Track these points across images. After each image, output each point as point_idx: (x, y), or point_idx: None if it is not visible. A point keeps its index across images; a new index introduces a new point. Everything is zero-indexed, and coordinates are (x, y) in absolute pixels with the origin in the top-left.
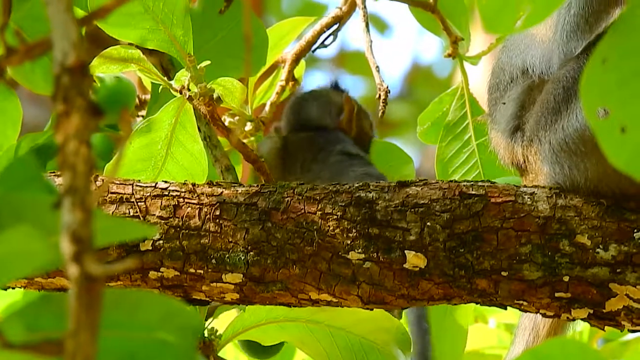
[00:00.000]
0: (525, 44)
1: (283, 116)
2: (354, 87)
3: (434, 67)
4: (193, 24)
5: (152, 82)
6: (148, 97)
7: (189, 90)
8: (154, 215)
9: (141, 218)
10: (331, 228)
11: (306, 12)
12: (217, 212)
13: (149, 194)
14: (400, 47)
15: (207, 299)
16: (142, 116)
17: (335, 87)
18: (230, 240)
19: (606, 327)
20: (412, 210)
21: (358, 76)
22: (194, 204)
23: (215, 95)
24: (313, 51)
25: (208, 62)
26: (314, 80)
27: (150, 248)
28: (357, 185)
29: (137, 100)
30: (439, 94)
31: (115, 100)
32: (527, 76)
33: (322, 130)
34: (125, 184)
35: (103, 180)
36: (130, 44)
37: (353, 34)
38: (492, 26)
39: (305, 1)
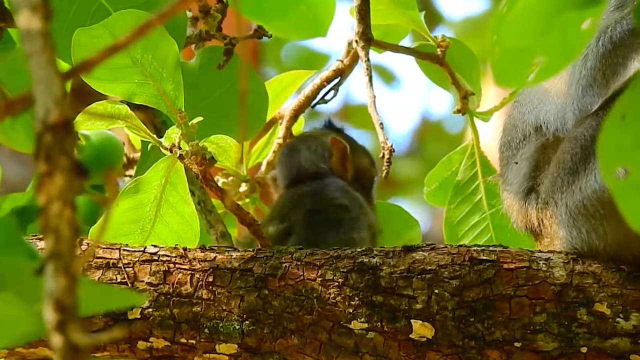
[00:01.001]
0: (539, 99)
1: (276, 166)
2: (360, 142)
3: (444, 121)
4: (188, 80)
5: (142, 140)
6: (137, 155)
7: (179, 148)
8: (143, 281)
9: (129, 285)
10: (332, 295)
11: (307, 62)
12: (210, 279)
13: (137, 259)
14: (409, 100)
15: None
16: (130, 176)
17: (329, 126)
18: (224, 308)
19: None
20: (419, 276)
21: (364, 130)
22: (185, 269)
23: (207, 154)
24: (313, 107)
25: (200, 118)
26: None
27: (139, 317)
28: (359, 250)
29: (125, 159)
30: (449, 151)
31: (101, 160)
32: (541, 133)
33: (318, 179)
34: (112, 249)
35: (88, 244)
36: (119, 100)
37: (357, 87)
38: (504, 79)
39: (307, 51)
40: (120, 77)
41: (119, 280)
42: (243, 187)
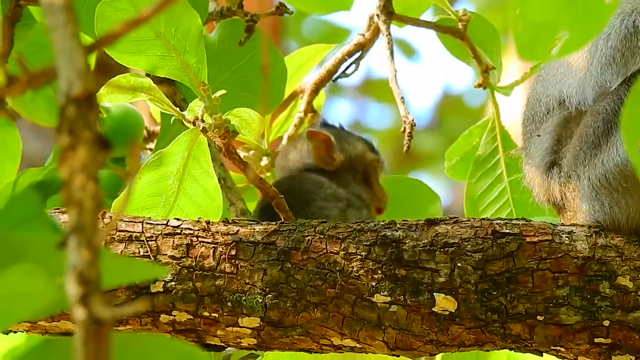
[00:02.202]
0: (562, 73)
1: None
2: (381, 116)
3: (465, 96)
4: (208, 54)
5: (162, 113)
6: (157, 128)
7: (202, 121)
8: (166, 254)
9: (152, 258)
10: (355, 269)
11: (328, 37)
12: (233, 252)
13: (159, 232)
14: (430, 74)
15: (223, 344)
16: (150, 149)
17: (323, 124)
18: (247, 281)
19: None
20: (442, 250)
21: (386, 104)
22: (208, 243)
23: (231, 127)
24: (334, 80)
25: (223, 91)
26: (336, 110)
27: (162, 290)
28: (382, 223)
29: (145, 132)
30: (470, 125)
31: (123, 132)
32: (564, 107)
33: (303, 176)
34: (134, 222)
35: (111, 217)
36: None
37: (378, 61)
38: (528, 53)
39: (328, 25)
40: (143, 50)
41: (141, 253)
42: (264, 161)
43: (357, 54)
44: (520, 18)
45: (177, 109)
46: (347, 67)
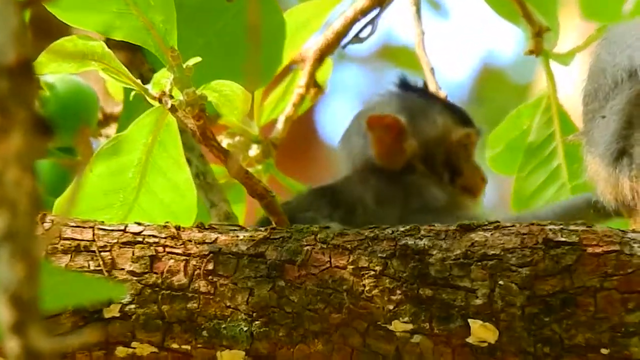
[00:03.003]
0: (634, 37)
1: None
2: None
3: (512, 67)
4: (184, 10)
5: (125, 89)
6: (116, 110)
7: (171, 97)
8: (123, 269)
9: (105, 273)
10: (367, 288)
11: None
12: (210, 266)
13: (116, 241)
14: (467, 38)
15: None
16: (107, 136)
17: (400, 85)
18: (228, 304)
19: None
20: (479, 263)
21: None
22: (178, 254)
23: (209, 106)
24: (344, 47)
25: (198, 58)
26: (345, 83)
27: (118, 315)
28: (402, 229)
29: (100, 114)
30: (518, 103)
31: (70, 114)
32: (637, 80)
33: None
34: (83, 227)
35: (53, 221)
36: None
37: (401, 21)
38: (593, 12)
39: None
40: (94, 6)
41: (92, 267)
42: (254, 150)
43: (374, 12)
44: None
45: (139, 81)
46: (361, 29)
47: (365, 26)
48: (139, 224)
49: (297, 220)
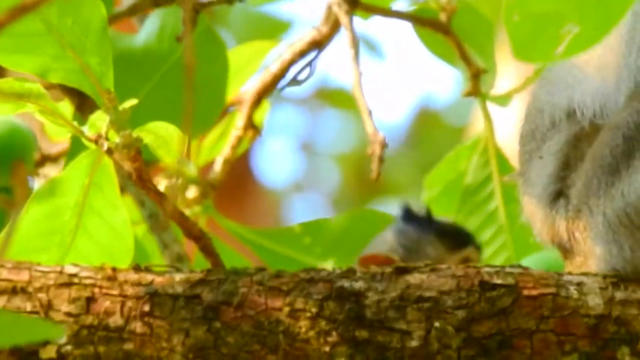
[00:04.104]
0: (574, 77)
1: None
2: (342, 134)
3: (449, 109)
4: (132, 57)
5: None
6: (54, 150)
7: (107, 139)
8: (60, 310)
9: (42, 315)
10: (303, 330)
11: (262, 33)
12: (147, 308)
13: (52, 282)
14: (405, 80)
15: None
16: (45, 175)
17: (405, 217)
18: (164, 345)
19: None
20: (415, 306)
21: (348, 119)
22: (114, 295)
23: (144, 148)
24: (281, 89)
25: (134, 100)
26: (282, 124)
27: (55, 356)
28: (338, 272)
29: (37, 154)
30: (452, 147)
31: (7, 154)
32: (574, 121)
33: None
34: (19, 268)
35: None
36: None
37: (338, 64)
38: (526, 53)
39: (261, 17)
40: (30, 49)
41: (28, 309)
42: (192, 192)
43: (312, 54)
44: (516, 9)
45: (75, 123)
46: (299, 72)
47: (303, 69)
48: (76, 265)
49: None
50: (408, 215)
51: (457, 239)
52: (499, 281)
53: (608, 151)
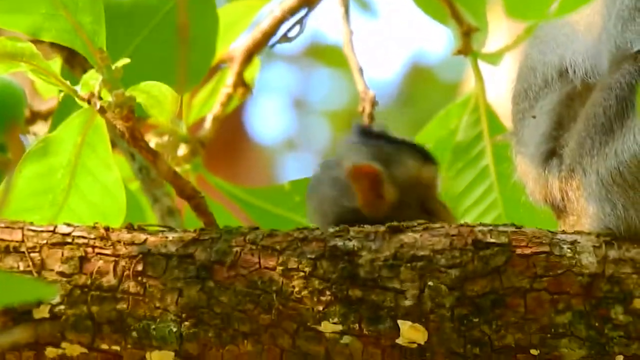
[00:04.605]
0: (565, 35)
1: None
2: (333, 91)
3: (440, 66)
4: (117, 11)
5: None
6: (44, 107)
7: (100, 99)
8: (53, 270)
9: (35, 274)
10: (296, 289)
11: None
12: (140, 267)
13: (45, 242)
14: (396, 37)
15: None
16: (35, 133)
17: (361, 133)
18: (157, 305)
19: None
20: (408, 264)
21: (339, 76)
22: (107, 255)
23: (137, 107)
24: (272, 46)
25: (127, 60)
26: (273, 82)
27: (48, 316)
28: (332, 230)
29: (27, 112)
30: (446, 103)
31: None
32: (567, 80)
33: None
34: (12, 228)
35: None
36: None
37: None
38: (518, 11)
39: None
40: (23, 8)
41: (21, 268)
42: (182, 150)
43: (302, 11)
44: None
45: (68, 82)
46: (290, 29)
47: (293, 26)
48: (69, 225)
49: None
50: (366, 132)
51: (425, 152)
52: (492, 240)
53: (601, 111)
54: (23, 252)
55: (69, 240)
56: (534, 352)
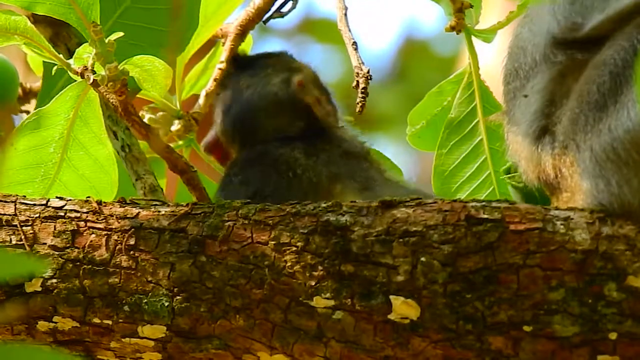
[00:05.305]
0: (555, 16)
1: (218, 127)
2: (326, 66)
3: (434, 41)
4: None
5: (44, 63)
6: (37, 85)
7: (93, 72)
8: (45, 244)
9: (27, 248)
10: (289, 264)
11: None
12: (132, 241)
13: (37, 215)
14: (390, 12)
15: (118, 359)
16: (28, 112)
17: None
18: (149, 279)
19: None
20: (401, 240)
21: (332, 51)
22: (99, 229)
23: (130, 81)
24: (265, 21)
25: (120, 33)
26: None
27: (40, 289)
28: (324, 205)
29: (20, 90)
30: (440, 79)
31: None
32: (555, 60)
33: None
34: (5, 202)
35: None
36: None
37: None
38: None
39: None
40: None
41: (13, 242)
42: (175, 125)
43: None
44: None
45: (61, 56)
46: (283, 4)
47: (286, 1)
48: (61, 198)
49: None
50: (241, 60)
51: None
52: (485, 216)
53: (595, 87)
54: (15, 226)
55: (62, 214)
56: (526, 328)
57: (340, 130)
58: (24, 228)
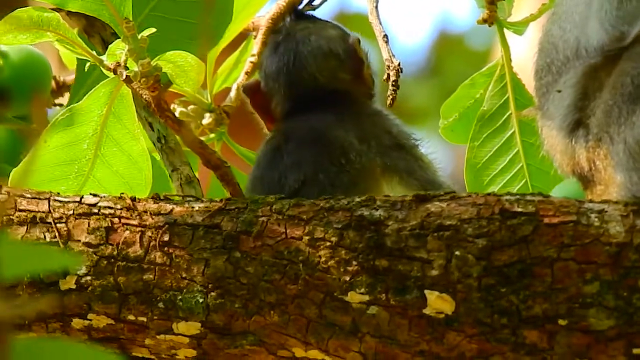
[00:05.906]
0: (579, 15)
1: (263, 71)
2: None
3: (467, 34)
4: None
5: (77, 59)
6: (70, 79)
7: (126, 68)
8: (79, 241)
9: (61, 245)
10: (323, 259)
11: None
12: (166, 238)
13: (71, 212)
14: (423, 5)
15: (153, 356)
16: (61, 105)
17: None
18: (183, 275)
19: None
20: (435, 234)
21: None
22: (133, 226)
23: (162, 76)
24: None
25: (153, 29)
26: None
27: (74, 286)
28: (358, 200)
29: (53, 83)
30: (473, 72)
31: (24, 83)
32: (587, 57)
33: (335, 101)
34: (39, 198)
35: (8, 193)
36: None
37: None
38: None
39: None
40: None
41: (48, 239)
42: (207, 119)
43: None
44: None
45: (94, 52)
46: None
47: None
48: (95, 195)
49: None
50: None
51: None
52: (519, 209)
53: (629, 80)
54: (50, 223)
55: (95, 210)
56: (561, 322)
57: (385, 116)
58: (58, 225)
